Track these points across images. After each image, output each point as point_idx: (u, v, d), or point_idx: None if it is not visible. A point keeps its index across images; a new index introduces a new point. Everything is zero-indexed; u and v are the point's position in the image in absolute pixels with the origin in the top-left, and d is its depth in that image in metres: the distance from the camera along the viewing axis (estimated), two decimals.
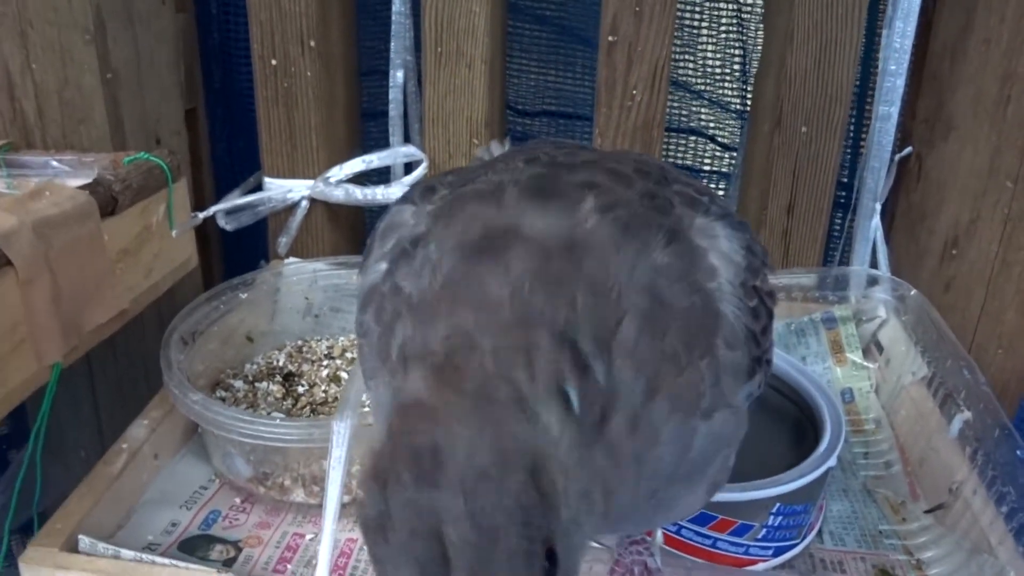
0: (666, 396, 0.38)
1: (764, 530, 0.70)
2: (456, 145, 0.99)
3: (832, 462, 0.73)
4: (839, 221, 1.05)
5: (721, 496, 0.69)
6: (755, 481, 0.70)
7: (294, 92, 0.98)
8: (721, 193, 1.16)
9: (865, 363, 0.96)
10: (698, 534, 0.70)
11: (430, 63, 0.96)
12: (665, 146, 1.15)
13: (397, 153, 0.99)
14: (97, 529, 0.64)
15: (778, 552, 0.72)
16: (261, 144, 1.01)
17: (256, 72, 0.99)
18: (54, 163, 0.89)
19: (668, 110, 1.02)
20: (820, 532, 0.77)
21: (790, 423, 0.84)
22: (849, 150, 1.04)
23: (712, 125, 1.17)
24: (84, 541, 0.62)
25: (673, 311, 0.38)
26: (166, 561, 0.61)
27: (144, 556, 0.61)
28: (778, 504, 0.70)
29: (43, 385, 0.70)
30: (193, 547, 0.68)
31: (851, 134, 1.04)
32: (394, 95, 1.02)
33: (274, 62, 0.97)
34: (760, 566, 0.72)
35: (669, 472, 0.40)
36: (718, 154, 1.17)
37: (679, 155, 1.18)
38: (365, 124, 1.10)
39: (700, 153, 1.18)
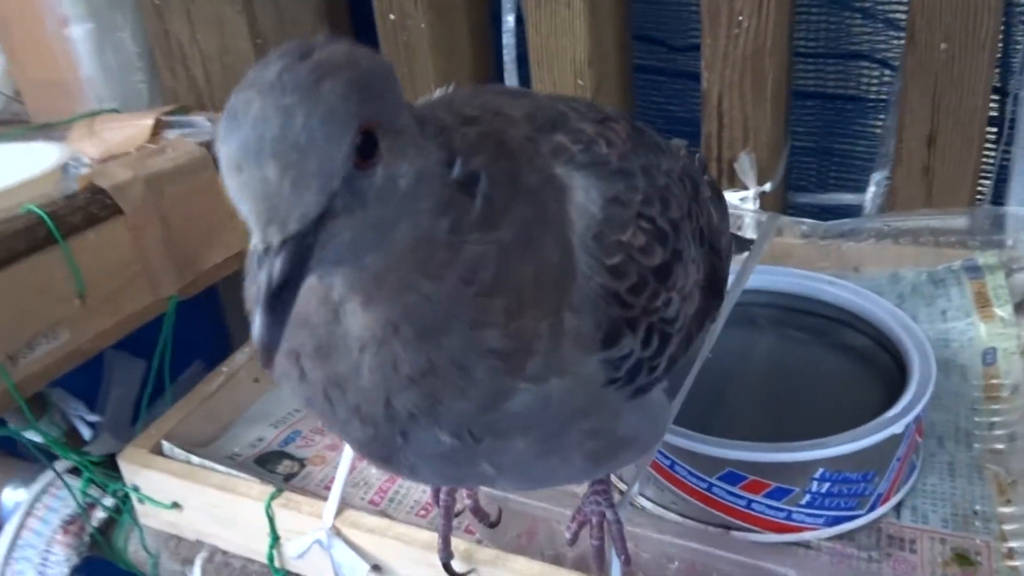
0: (485, 334, 0.36)
1: (808, 496, 0.65)
2: (562, 87, 0.98)
3: (897, 428, 0.64)
4: (989, 154, 0.89)
5: (749, 454, 0.64)
6: (790, 442, 0.64)
7: (412, 45, 1.03)
8: (879, 123, 1.03)
9: (1016, 319, 0.82)
10: (730, 493, 0.66)
11: (530, 4, 0.95)
12: (805, 74, 1.04)
13: None
14: (186, 439, 0.76)
15: (832, 522, 0.66)
16: None
17: (378, 28, 1.04)
18: (205, 122, 1.02)
19: (821, 30, 0.92)
20: (899, 506, 0.69)
21: (884, 379, 0.75)
22: (999, 69, 0.87)
23: (869, 47, 1.03)
24: (166, 446, 0.73)
25: (538, 248, 0.37)
26: (223, 469, 0.70)
27: (207, 463, 0.71)
28: (822, 470, 0.64)
29: (163, 313, 0.83)
30: (267, 461, 0.77)
31: (1002, 50, 0.87)
32: (507, 40, 1.03)
33: (392, 17, 1.02)
34: (808, 535, 0.66)
35: (485, 417, 0.39)
36: (876, 80, 1.04)
37: (829, 83, 1.06)
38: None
39: (856, 77, 1.05)
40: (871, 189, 0.96)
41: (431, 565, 0.62)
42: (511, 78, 1.04)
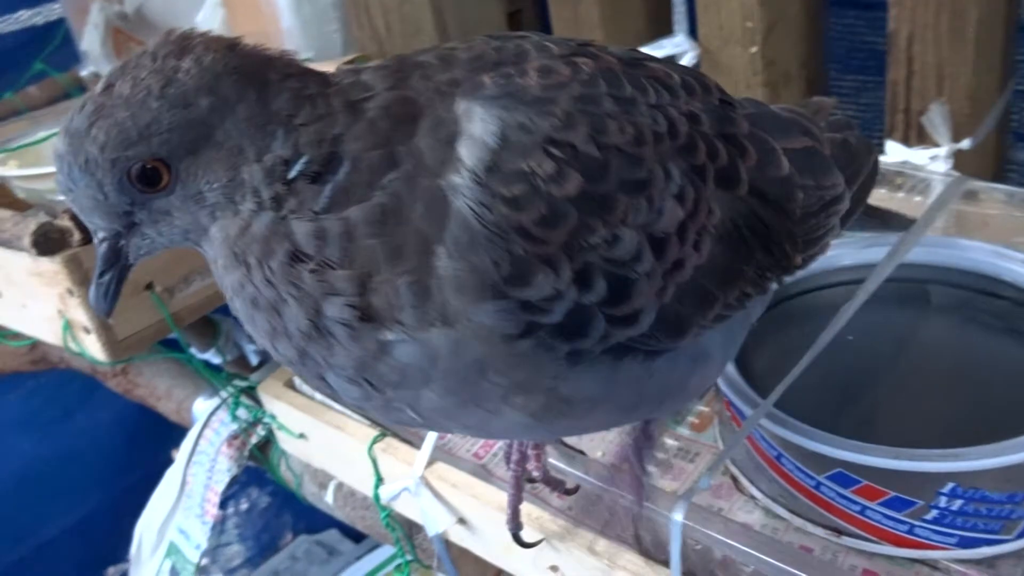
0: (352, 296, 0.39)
1: (935, 511, 0.56)
2: (730, 30, 0.90)
3: None
4: None
5: (860, 456, 0.57)
6: (914, 449, 0.56)
7: None
8: None
9: None
10: (840, 495, 0.59)
11: None
12: None
13: (661, 45, 0.94)
14: None
15: (966, 543, 0.57)
16: None
17: None
18: None
19: None
20: None
21: None
22: None
23: None
24: (297, 380, 0.79)
25: (397, 214, 0.38)
26: (339, 407, 0.74)
27: (328, 400, 0.75)
28: (953, 484, 0.55)
29: None
30: None
31: None
32: None
33: None
34: (936, 554, 0.58)
35: (374, 369, 0.40)
36: None
37: None
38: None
39: None
40: None
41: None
42: (681, 22, 0.97)
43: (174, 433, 1.20)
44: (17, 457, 1.66)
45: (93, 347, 0.72)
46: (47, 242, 0.67)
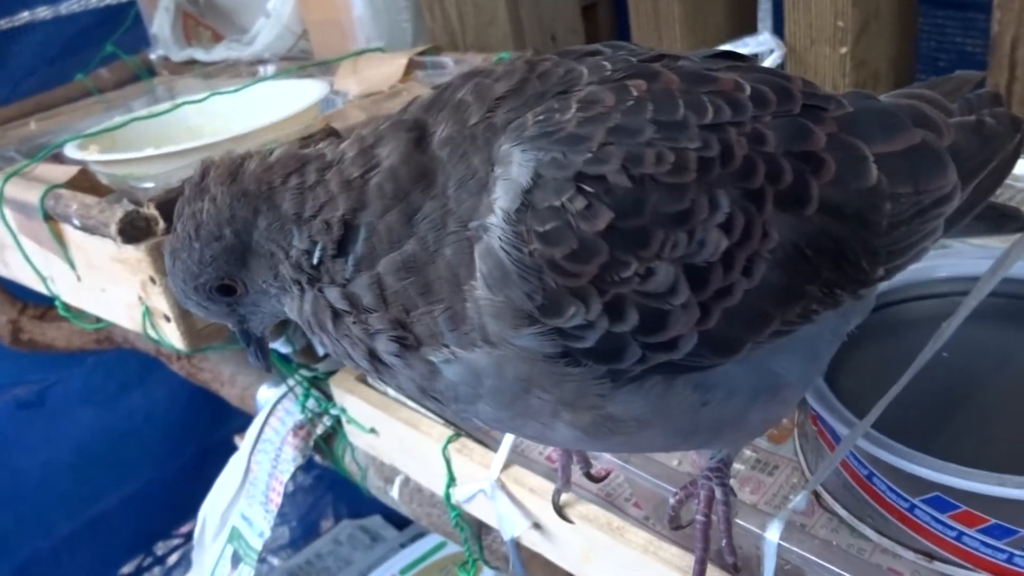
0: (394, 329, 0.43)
1: None
2: (819, 29, 0.87)
3: None
4: None
5: (962, 481, 0.54)
6: (1020, 476, 0.53)
7: None
8: None
9: None
10: (936, 520, 0.57)
11: None
12: None
13: (744, 43, 0.91)
14: None
15: None
16: (632, 37, 1.03)
17: None
18: (451, 63, 1.05)
19: None
20: None
21: None
22: None
23: None
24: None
25: (425, 257, 0.42)
26: (416, 406, 0.74)
27: (401, 396, 0.75)
28: None
29: None
30: None
31: None
32: None
33: None
34: None
35: (433, 385, 0.45)
36: None
37: None
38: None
39: None
40: None
41: (585, 536, 0.61)
42: (766, 19, 0.95)
43: (228, 414, 1.21)
44: (76, 431, 1.69)
45: (173, 335, 0.73)
46: (133, 230, 0.67)
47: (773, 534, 0.52)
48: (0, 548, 1.64)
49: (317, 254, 0.44)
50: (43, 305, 1.36)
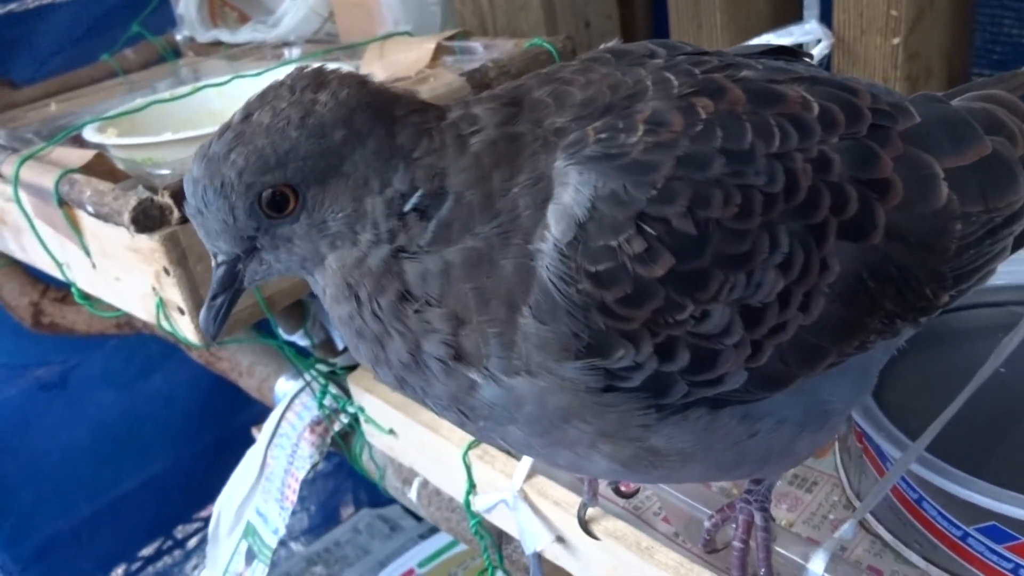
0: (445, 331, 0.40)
1: None
2: (870, 18, 0.82)
3: None
4: None
5: (1021, 512, 0.50)
6: None
7: None
8: None
9: None
10: (992, 551, 0.53)
11: None
12: None
13: (789, 32, 0.86)
14: None
15: None
16: (670, 24, 0.99)
17: None
18: (480, 48, 1.01)
19: None
20: None
21: None
22: None
23: None
24: None
25: (490, 265, 0.39)
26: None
27: None
28: None
29: None
30: None
31: None
32: None
33: None
34: None
35: (465, 402, 0.42)
36: None
37: None
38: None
39: None
40: None
41: (612, 553, 0.58)
42: (812, 7, 0.90)
43: (249, 401, 1.19)
44: (97, 413, 1.68)
45: (186, 328, 0.70)
46: (146, 219, 0.65)
47: (817, 565, 0.49)
48: (21, 529, 1.64)
49: (413, 200, 0.40)
50: (64, 288, 1.35)
